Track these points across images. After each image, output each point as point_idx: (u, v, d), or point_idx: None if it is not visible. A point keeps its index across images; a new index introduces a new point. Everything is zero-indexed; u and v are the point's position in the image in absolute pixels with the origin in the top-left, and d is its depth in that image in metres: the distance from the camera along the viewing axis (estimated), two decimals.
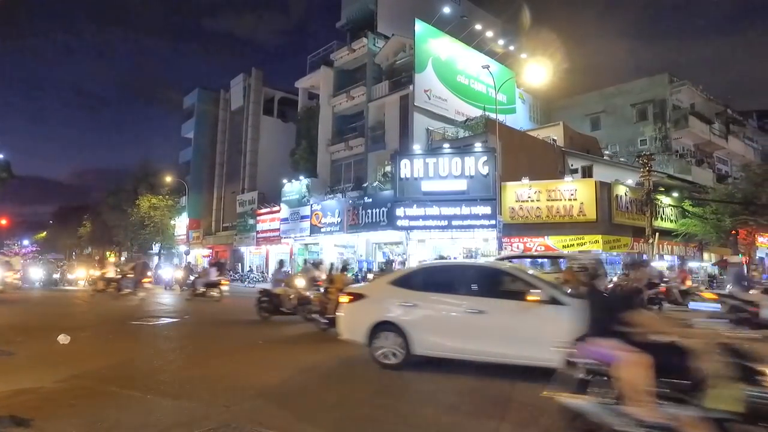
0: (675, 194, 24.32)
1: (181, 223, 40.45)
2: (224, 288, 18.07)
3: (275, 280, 12.81)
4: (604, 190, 21.54)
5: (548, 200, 21.43)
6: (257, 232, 31.96)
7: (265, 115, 38.37)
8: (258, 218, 32.12)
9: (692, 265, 25.29)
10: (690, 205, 23.87)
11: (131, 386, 5.57)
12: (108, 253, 46.31)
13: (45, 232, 63.33)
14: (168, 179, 38.27)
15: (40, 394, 5.18)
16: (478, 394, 5.44)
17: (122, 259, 42.51)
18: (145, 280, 19.39)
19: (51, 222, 63.62)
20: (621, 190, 22.18)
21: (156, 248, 39.53)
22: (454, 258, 22.42)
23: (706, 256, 26.28)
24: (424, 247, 23.50)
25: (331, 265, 14.29)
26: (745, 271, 14.11)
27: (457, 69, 28.60)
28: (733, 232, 22.26)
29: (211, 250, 39.10)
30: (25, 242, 55.85)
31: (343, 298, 7.24)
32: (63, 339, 8.44)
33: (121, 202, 37.63)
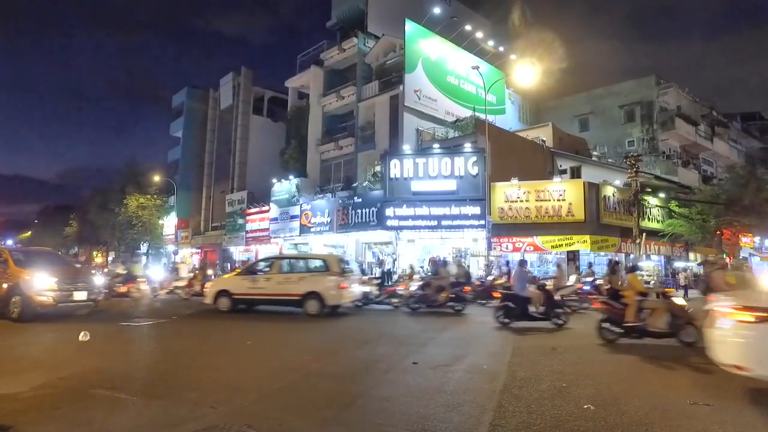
0: (662, 195, 24.62)
1: (169, 223, 40.08)
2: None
3: (519, 281, 11.48)
4: (593, 190, 21.74)
5: (537, 200, 21.58)
6: (246, 232, 31.80)
7: (255, 115, 38.18)
8: (247, 218, 31.96)
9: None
10: (676, 205, 24.17)
11: (118, 388, 5.51)
12: (95, 253, 45.81)
13: (30, 232, 62.45)
14: (156, 178, 37.90)
15: (21, 399, 5.08)
16: None
17: (109, 258, 42.04)
18: None
19: (36, 221, 62.75)
20: (609, 191, 22.40)
21: (144, 248, 39.15)
22: (444, 258, 22.51)
23: (691, 255, 26.63)
24: (413, 247, 23.54)
25: (615, 263, 12.30)
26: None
27: (447, 69, 28.69)
28: (718, 232, 22.59)
29: (200, 250, 38.83)
30: (9, 242, 55.02)
31: (743, 316, 4.98)
32: (83, 336, 8.40)
33: (108, 201, 37.16)
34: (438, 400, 5.09)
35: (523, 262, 12.41)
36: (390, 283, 17.31)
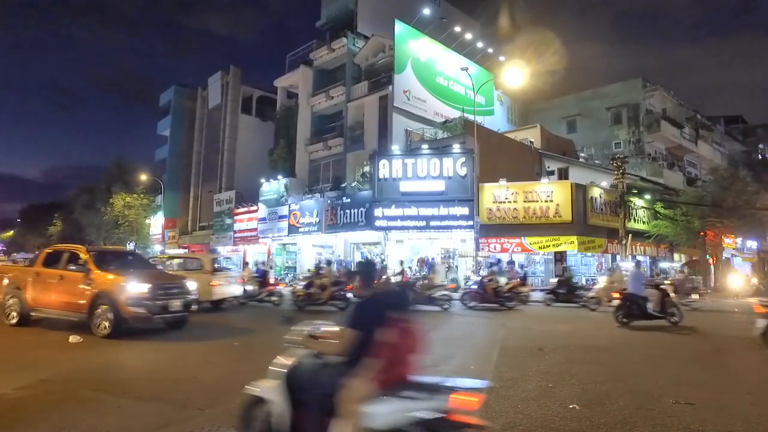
0: (647, 196, 24.94)
1: (156, 223, 39.72)
2: None
3: (636, 282, 11.49)
4: (580, 191, 21.95)
5: (525, 201, 21.74)
6: (234, 232, 31.61)
7: (243, 114, 37.95)
8: (235, 218, 31.77)
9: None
10: (661, 207, 24.49)
11: (104, 390, 5.46)
12: None
13: (12, 231, 61.46)
14: (143, 177, 37.53)
15: (4, 401, 5.01)
16: None
17: None
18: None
19: (18, 220, 61.77)
20: (596, 192, 22.62)
21: (130, 247, 38.71)
22: (432, 258, 22.59)
23: (676, 256, 27.02)
24: (402, 247, 23.58)
25: None
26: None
27: (436, 70, 28.78)
28: (702, 233, 22.95)
29: (187, 250, 38.49)
30: None
31: None
32: (74, 339, 8.36)
33: (94, 200, 36.73)
34: None
35: (638, 263, 12.87)
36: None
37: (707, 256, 23.60)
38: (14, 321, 9.78)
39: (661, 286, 11.67)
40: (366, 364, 2.80)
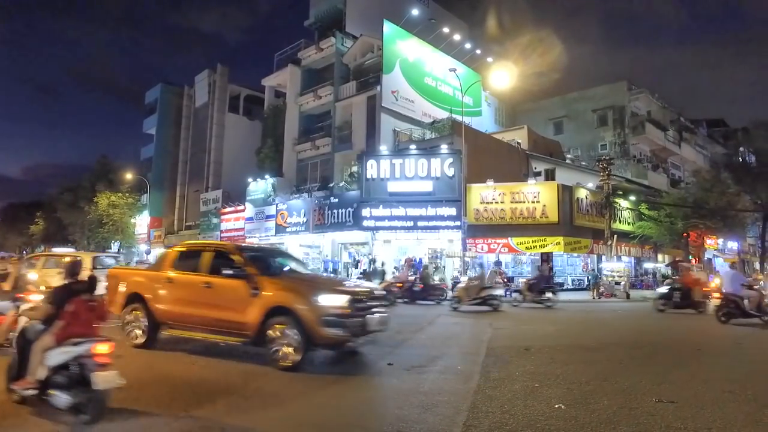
0: (632, 198, 25.28)
1: (142, 222, 39.29)
2: None
3: (734, 282, 11.83)
4: (566, 192, 22.17)
5: (512, 202, 21.90)
6: (221, 232, 31.38)
7: (231, 113, 37.71)
8: (222, 217, 31.56)
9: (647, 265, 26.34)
10: (646, 208, 24.84)
11: None
12: None
13: None
14: (128, 176, 37.11)
15: None
16: None
17: None
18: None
19: None
20: (582, 193, 22.87)
21: (115, 247, 38.27)
22: (419, 259, 22.65)
23: (660, 257, 27.41)
24: (389, 247, 23.60)
25: None
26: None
27: (425, 71, 28.86)
28: (685, 234, 23.32)
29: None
30: None
31: None
32: None
33: (77, 199, 36.22)
34: (413, 402, 5.13)
35: (733, 265, 13.71)
36: None
37: (689, 257, 23.98)
38: (140, 341, 7.69)
39: (755, 287, 12.10)
40: (55, 325, 4.44)
